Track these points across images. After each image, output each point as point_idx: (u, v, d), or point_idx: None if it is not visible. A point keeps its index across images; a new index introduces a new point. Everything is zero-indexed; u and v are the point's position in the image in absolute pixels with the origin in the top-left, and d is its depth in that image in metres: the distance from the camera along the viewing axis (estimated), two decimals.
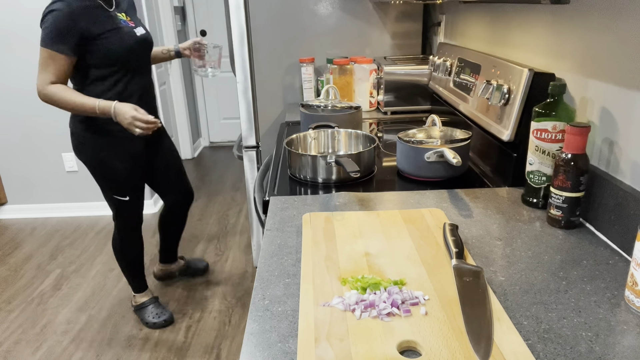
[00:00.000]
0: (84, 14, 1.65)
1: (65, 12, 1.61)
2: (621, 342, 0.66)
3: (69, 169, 3.27)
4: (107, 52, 1.72)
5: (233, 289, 2.44)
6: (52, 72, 1.67)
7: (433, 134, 1.29)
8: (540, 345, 0.66)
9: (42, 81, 1.69)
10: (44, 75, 1.68)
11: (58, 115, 3.10)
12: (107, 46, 1.71)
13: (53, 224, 3.26)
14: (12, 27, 2.94)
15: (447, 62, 1.68)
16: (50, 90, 1.68)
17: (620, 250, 0.89)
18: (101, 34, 1.69)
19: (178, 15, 4.29)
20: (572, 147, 0.92)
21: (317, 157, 1.26)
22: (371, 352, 0.63)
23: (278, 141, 1.73)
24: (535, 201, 1.08)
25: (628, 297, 0.74)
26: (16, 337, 2.14)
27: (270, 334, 0.70)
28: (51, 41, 1.63)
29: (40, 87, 1.69)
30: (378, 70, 2.03)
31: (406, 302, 0.73)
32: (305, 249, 0.90)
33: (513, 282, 0.81)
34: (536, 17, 1.23)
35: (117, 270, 2.64)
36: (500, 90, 1.19)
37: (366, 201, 1.14)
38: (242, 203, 3.51)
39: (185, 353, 2.01)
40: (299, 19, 2.21)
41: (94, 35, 1.68)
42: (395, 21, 2.25)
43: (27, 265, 2.74)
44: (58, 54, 1.65)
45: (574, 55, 1.07)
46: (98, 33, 1.68)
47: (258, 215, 1.32)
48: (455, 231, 0.91)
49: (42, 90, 1.69)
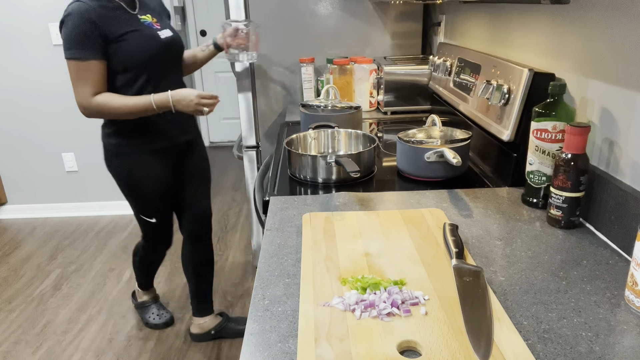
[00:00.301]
0: (102, 14, 1.50)
1: (83, 13, 1.46)
2: (621, 342, 0.66)
3: (69, 169, 3.27)
4: (126, 55, 1.55)
5: (233, 289, 2.44)
6: (89, 84, 1.51)
7: (433, 134, 1.29)
8: (540, 345, 0.66)
9: (83, 96, 1.52)
10: (82, 90, 1.51)
11: (58, 115, 3.11)
12: (126, 48, 1.54)
13: (53, 224, 3.26)
14: (13, 27, 2.94)
15: (447, 62, 1.68)
16: (96, 102, 1.53)
17: (620, 250, 0.89)
18: (121, 35, 1.53)
19: (178, 15, 4.29)
20: (572, 147, 0.92)
21: (317, 157, 1.26)
22: (371, 352, 0.63)
23: (278, 141, 1.73)
24: (535, 201, 1.08)
25: (628, 297, 0.74)
26: (16, 337, 2.14)
27: (270, 334, 0.70)
28: (78, 50, 1.48)
29: (83, 103, 1.53)
30: (378, 70, 2.03)
31: (406, 302, 0.73)
32: (305, 249, 0.90)
33: (513, 282, 0.81)
34: (536, 17, 1.23)
35: (117, 270, 2.64)
36: (500, 90, 1.19)
37: (366, 201, 1.14)
38: (242, 203, 3.51)
39: (185, 353, 2.01)
40: (299, 19, 2.21)
41: (114, 37, 1.52)
42: (395, 21, 2.25)
43: (27, 265, 2.74)
44: (89, 62, 1.49)
45: (574, 55, 1.07)
46: (118, 34, 1.52)
47: (258, 215, 1.32)
48: (455, 231, 0.91)
49: (87, 107, 1.53)
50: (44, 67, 3.01)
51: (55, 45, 2.96)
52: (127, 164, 1.71)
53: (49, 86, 3.05)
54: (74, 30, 1.47)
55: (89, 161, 3.24)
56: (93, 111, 1.55)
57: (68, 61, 1.50)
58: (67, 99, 3.06)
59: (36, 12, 2.90)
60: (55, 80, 3.03)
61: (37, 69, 3.01)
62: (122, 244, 2.94)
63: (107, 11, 1.52)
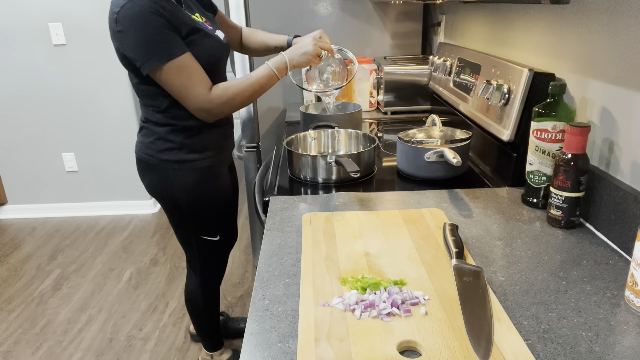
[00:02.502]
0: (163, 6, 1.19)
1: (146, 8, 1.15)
2: (621, 342, 0.66)
3: (69, 169, 3.27)
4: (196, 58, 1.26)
5: (233, 289, 2.44)
6: (197, 80, 1.23)
7: (433, 134, 1.29)
8: (540, 345, 0.66)
9: (197, 97, 1.24)
10: (193, 92, 1.23)
11: (58, 116, 3.11)
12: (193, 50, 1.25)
13: (53, 224, 3.26)
14: (13, 26, 2.93)
15: (447, 62, 1.68)
16: (216, 93, 1.26)
17: (620, 250, 0.89)
18: (187, 35, 1.25)
19: None
20: (572, 147, 0.92)
21: (317, 157, 1.26)
22: (371, 352, 0.63)
23: (278, 141, 1.73)
24: (535, 201, 1.08)
25: (628, 297, 0.74)
26: (16, 337, 2.14)
27: (270, 334, 0.70)
28: (167, 50, 1.18)
29: (203, 104, 1.25)
30: (378, 70, 2.03)
31: (406, 302, 0.73)
32: (305, 249, 0.90)
33: (513, 282, 0.81)
34: (536, 17, 1.23)
35: (117, 270, 2.64)
36: (500, 90, 1.19)
37: (366, 201, 1.14)
38: (242, 203, 3.51)
39: (185, 353, 2.01)
40: (299, 19, 2.21)
41: (182, 36, 1.23)
42: (395, 21, 2.25)
43: (27, 265, 2.74)
44: (182, 57, 1.20)
45: (574, 55, 1.07)
46: (183, 33, 1.24)
47: (258, 215, 1.32)
48: (455, 231, 0.91)
49: (210, 103, 1.25)
50: (44, 67, 3.01)
51: (55, 45, 2.96)
52: (191, 180, 1.42)
53: (49, 86, 3.05)
54: (147, 31, 1.16)
55: (89, 161, 3.24)
56: (217, 106, 1.27)
57: (159, 71, 1.19)
58: (67, 99, 3.06)
59: (36, 11, 2.90)
60: (55, 80, 3.03)
61: (37, 69, 3.01)
62: (122, 244, 2.94)
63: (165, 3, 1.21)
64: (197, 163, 1.41)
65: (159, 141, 1.37)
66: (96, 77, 3.03)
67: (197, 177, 1.43)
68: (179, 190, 1.42)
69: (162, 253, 2.81)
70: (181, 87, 1.22)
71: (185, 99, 1.25)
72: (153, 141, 1.38)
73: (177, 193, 1.43)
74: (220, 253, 1.67)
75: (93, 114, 3.12)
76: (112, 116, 3.13)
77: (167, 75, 1.20)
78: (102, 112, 3.11)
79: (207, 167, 1.44)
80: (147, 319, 2.22)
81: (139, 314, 2.26)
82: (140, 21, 1.16)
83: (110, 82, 3.04)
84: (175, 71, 1.20)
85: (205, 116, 1.29)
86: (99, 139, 3.19)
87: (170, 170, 1.40)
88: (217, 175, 1.50)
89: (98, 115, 3.12)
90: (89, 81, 3.04)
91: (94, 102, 3.09)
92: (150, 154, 1.39)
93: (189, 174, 1.41)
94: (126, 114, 3.12)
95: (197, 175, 1.42)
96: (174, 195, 1.43)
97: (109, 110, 3.11)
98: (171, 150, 1.38)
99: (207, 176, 1.45)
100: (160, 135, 1.37)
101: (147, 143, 1.39)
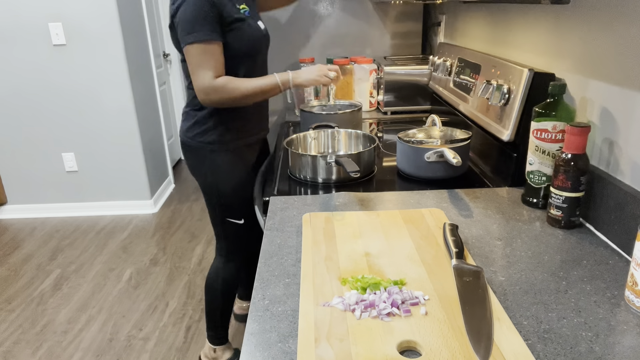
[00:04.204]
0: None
1: None
2: (621, 342, 0.66)
3: (69, 169, 3.27)
4: (234, 46, 1.41)
5: None
6: (211, 67, 1.36)
7: (433, 134, 1.29)
8: (540, 345, 0.66)
9: (205, 79, 1.36)
10: (203, 73, 1.36)
11: (58, 115, 3.11)
12: (235, 38, 1.40)
13: (53, 224, 3.26)
14: (13, 26, 2.93)
15: (447, 62, 1.68)
16: (219, 83, 1.37)
17: (620, 250, 0.89)
18: (231, 23, 1.39)
19: None
20: (572, 147, 0.92)
21: (317, 157, 1.26)
22: (371, 352, 0.63)
23: (278, 141, 1.73)
24: (535, 201, 1.08)
25: (628, 297, 0.74)
26: (16, 337, 2.14)
27: (270, 334, 0.70)
28: (201, 32, 1.34)
29: (204, 86, 1.37)
30: (378, 70, 2.03)
31: (406, 302, 0.73)
32: (305, 249, 0.90)
33: (513, 282, 0.81)
34: (536, 17, 1.23)
35: (117, 270, 2.64)
36: (500, 90, 1.19)
37: (366, 201, 1.14)
38: None
39: (185, 353, 2.01)
40: (299, 19, 2.21)
41: (226, 23, 1.38)
42: (395, 21, 2.25)
43: (27, 265, 2.74)
44: (213, 44, 1.35)
45: (574, 55, 1.07)
46: (229, 21, 1.38)
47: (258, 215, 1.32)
48: (455, 231, 0.91)
49: (208, 88, 1.37)
50: (44, 66, 3.01)
51: (55, 45, 2.96)
52: (223, 161, 1.55)
53: (49, 86, 3.05)
54: (194, 12, 1.33)
55: (89, 161, 3.24)
56: (216, 92, 1.38)
57: (189, 46, 1.35)
58: (67, 99, 3.06)
59: (36, 11, 2.90)
60: (55, 80, 3.03)
61: (37, 69, 3.01)
62: (122, 244, 2.94)
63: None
64: (230, 144, 1.54)
65: (196, 125, 1.52)
66: (96, 77, 3.03)
67: (229, 158, 1.55)
68: (210, 170, 1.55)
69: (162, 253, 2.81)
70: (195, 66, 1.36)
71: (194, 76, 1.38)
72: (192, 125, 1.53)
73: (208, 173, 1.56)
74: (244, 238, 1.71)
75: (93, 114, 3.12)
76: (112, 116, 3.13)
77: (191, 52, 1.36)
78: (102, 112, 3.11)
79: (238, 149, 1.56)
80: (147, 319, 2.22)
81: (139, 314, 2.26)
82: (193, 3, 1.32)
83: (110, 82, 3.04)
84: (199, 51, 1.35)
85: (204, 98, 1.40)
86: (99, 139, 3.19)
87: (205, 151, 1.53)
88: (247, 159, 1.60)
89: (98, 115, 3.12)
90: (89, 81, 3.04)
91: (94, 102, 3.09)
92: (190, 136, 1.54)
93: (221, 155, 1.54)
94: (126, 114, 3.12)
95: (228, 157, 1.55)
96: (207, 175, 1.57)
97: (109, 110, 3.11)
98: (206, 132, 1.51)
99: (237, 158, 1.57)
100: (197, 119, 1.52)
101: (186, 127, 1.55)
